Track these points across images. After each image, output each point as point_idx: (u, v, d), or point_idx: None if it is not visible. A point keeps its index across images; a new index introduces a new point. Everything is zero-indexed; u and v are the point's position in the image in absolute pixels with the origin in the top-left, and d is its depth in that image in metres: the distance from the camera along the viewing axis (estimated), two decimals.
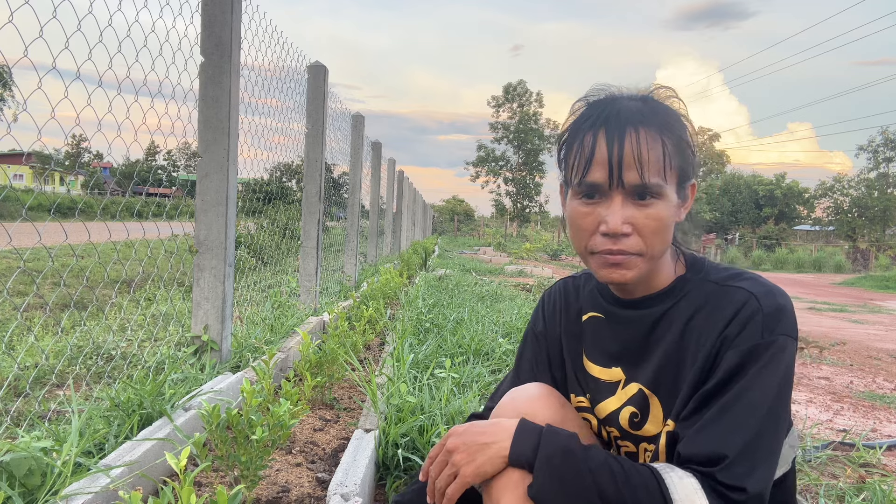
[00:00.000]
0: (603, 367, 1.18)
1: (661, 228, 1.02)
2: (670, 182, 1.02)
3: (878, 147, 42.94)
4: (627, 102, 1.04)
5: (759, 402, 0.96)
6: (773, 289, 1.04)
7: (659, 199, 1.01)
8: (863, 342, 7.12)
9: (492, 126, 52.53)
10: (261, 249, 6.17)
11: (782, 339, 0.99)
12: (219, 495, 1.29)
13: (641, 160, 0.99)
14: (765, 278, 1.07)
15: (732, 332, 1.00)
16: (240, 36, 2.78)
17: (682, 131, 1.05)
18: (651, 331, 1.11)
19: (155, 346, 2.87)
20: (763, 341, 0.98)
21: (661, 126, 1.02)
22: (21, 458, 1.45)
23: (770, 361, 0.97)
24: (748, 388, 0.97)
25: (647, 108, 1.03)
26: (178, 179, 6.53)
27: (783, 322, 1.00)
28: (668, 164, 1.01)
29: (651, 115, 1.02)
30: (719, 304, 1.03)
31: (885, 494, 2.10)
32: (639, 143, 0.99)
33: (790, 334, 1.00)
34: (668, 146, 1.01)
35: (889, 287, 17.96)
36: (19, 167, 17.60)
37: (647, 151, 0.99)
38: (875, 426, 3.36)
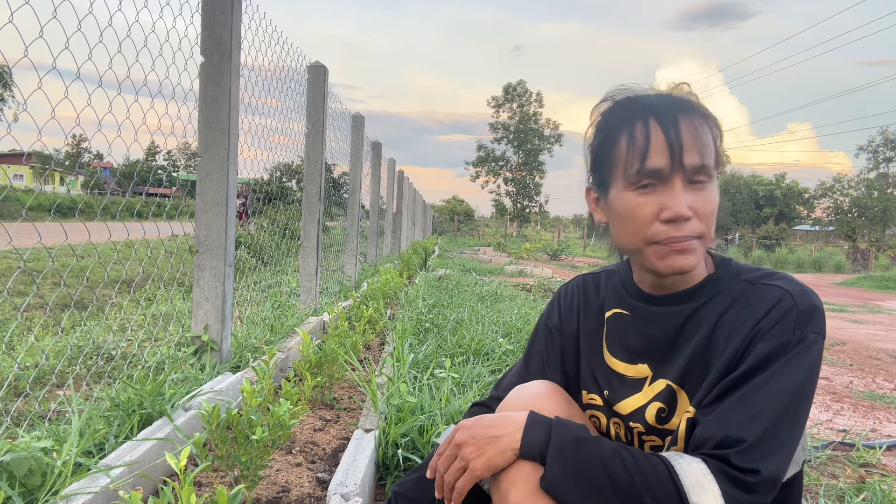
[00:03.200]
0: (628, 364, 1.18)
1: (713, 211, 1.04)
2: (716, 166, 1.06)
3: (878, 147, 42.94)
4: (660, 97, 1.06)
5: (781, 392, 0.97)
6: (807, 289, 1.05)
7: (711, 182, 1.04)
8: (863, 342, 7.12)
9: (492, 126, 52.53)
10: (261, 249, 6.17)
11: (812, 337, 1.00)
12: (219, 495, 1.29)
13: (700, 142, 1.01)
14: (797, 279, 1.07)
15: (765, 326, 1.01)
16: (240, 36, 2.78)
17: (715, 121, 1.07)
18: (681, 327, 1.10)
19: (155, 346, 2.87)
20: (794, 337, 0.99)
21: (703, 113, 1.05)
22: (21, 458, 1.45)
23: (798, 356, 0.98)
24: (772, 378, 0.98)
25: (683, 100, 1.06)
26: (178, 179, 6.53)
27: (815, 321, 1.01)
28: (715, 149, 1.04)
29: (690, 105, 1.05)
30: (753, 300, 1.04)
31: (885, 494, 2.10)
32: (694, 126, 1.02)
33: (820, 333, 1.01)
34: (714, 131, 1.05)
35: (889, 287, 17.95)
36: (19, 167, 17.61)
37: (701, 134, 1.02)
38: (875, 426, 3.36)
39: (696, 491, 0.92)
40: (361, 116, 7.56)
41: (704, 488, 0.92)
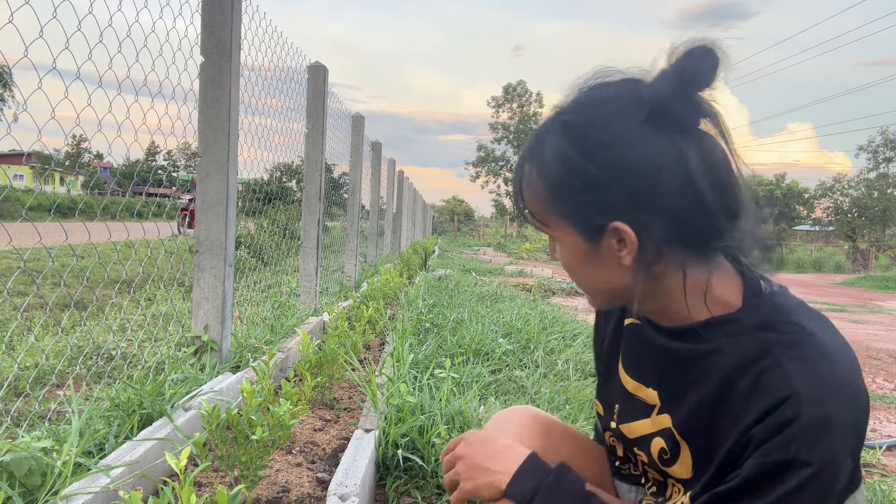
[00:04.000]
0: (640, 384, 1.02)
1: (568, 268, 0.91)
2: (556, 226, 0.88)
3: (878, 147, 42.96)
4: (543, 127, 0.89)
5: None
6: (827, 386, 0.77)
7: (555, 241, 0.90)
8: (863, 342, 7.12)
9: (492, 126, 52.56)
10: (261, 249, 6.17)
11: (819, 465, 0.74)
12: (219, 495, 1.29)
13: (518, 197, 0.92)
14: (827, 351, 0.79)
15: (759, 434, 0.78)
16: (240, 36, 2.78)
17: (569, 166, 0.83)
18: (684, 368, 0.92)
19: (155, 347, 2.87)
20: (791, 458, 0.75)
21: (539, 166, 0.87)
22: (21, 458, 1.45)
23: (797, 490, 0.75)
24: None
25: (542, 136, 0.88)
26: (178, 179, 6.54)
27: (826, 439, 0.75)
28: (542, 209, 0.88)
29: (537, 148, 0.88)
30: (761, 383, 0.79)
31: (885, 494, 2.10)
32: (515, 180, 0.92)
33: (834, 458, 0.75)
34: (534, 191, 0.88)
35: (889, 287, 17.96)
36: (19, 167, 17.62)
37: (519, 191, 0.92)
38: (875, 426, 3.36)
39: None
40: (361, 116, 7.56)
41: None
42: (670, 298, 0.88)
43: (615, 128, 0.81)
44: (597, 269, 0.87)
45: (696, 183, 0.80)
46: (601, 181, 0.81)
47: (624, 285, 0.87)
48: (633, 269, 0.84)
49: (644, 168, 0.79)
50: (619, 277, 0.86)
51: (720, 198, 0.82)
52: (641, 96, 0.81)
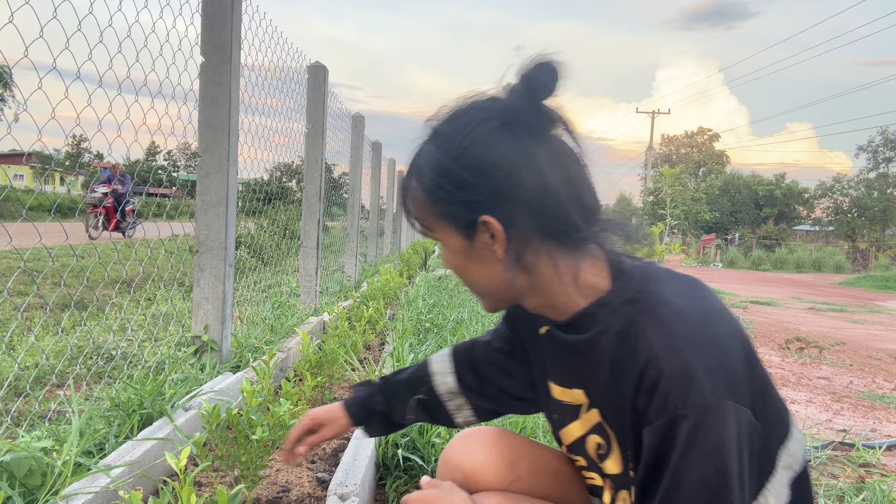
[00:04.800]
0: (564, 388, 1.05)
1: (457, 270, 0.99)
2: (439, 229, 0.96)
3: (877, 147, 42.91)
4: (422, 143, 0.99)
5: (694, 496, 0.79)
6: (680, 337, 0.83)
7: (443, 246, 0.98)
8: (862, 342, 7.12)
9: None
10: (261, 249, 6.17)
11: (696, 414, 0.78)
12: (219, 495, 1.29)
13: (409, 206, 1.00)
14: (678, 307, 0.87)
15: (642, 404, 0.84)
16: (240, 36, 2.78)
17: (439, 170, 0.94)
18: (584, 359, 0.97)
19: (155, 346, 2.87)
20: (670, 417, 0.80)
21: (417, 174, 0.97)
22: (21, 458, 1.45)
23: (689, 445, 0.78)
24: (677, 481, 0.80)
25: (420, 148, 0.98)
26: (178, 179, 6.54)
27: (693, 386, 0.79)
28: (423, 215, 0.97)
29: (416, 159, 0.99)
30: (626, 357, 0.87)
31: (884, 494, 2.10)
32: (406, 196, 1.00)
33: (709, 402, 0.78)
34: (415, 198, 0.97)
35: (889, 287, 17.96)
36: (20, 167, 17.61)
37: (404, 202, 1.00)
38: (875, 426, 3.37)
39: None
40: (361, 116, 7.56)
41: None
42: (549, 291, 0.96)
43: (475, 134, 0.91)
44: (477, 265, 0.96)
45: (548, 179, 0.89)
46: (467, 181, 0.91)
47: (502, 280, 0.95)
48: (506, 260, 0.93)
49: (501, 167, 0.89)
50: (498, 272, 0.94)
51: (573, 192, 0.91)
52: (496, 107, 0.92)
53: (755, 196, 43.90)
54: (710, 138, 53.81)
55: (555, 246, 0.92)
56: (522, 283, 0.95)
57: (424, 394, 1.29)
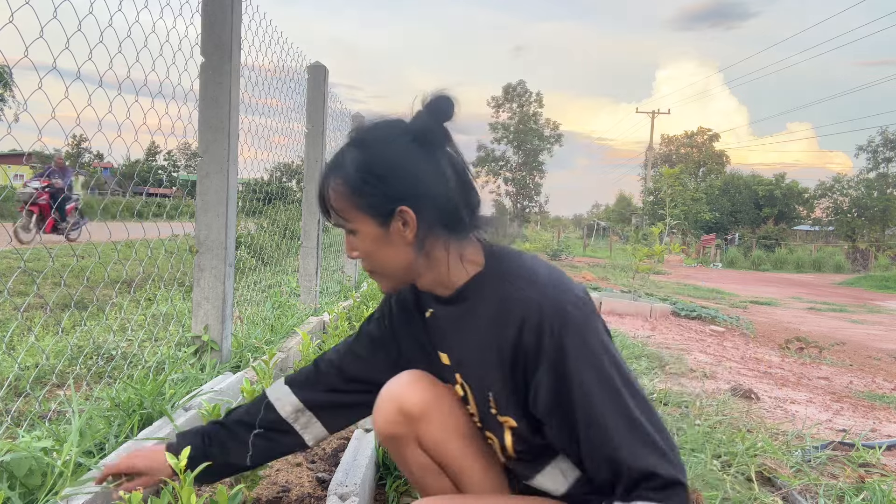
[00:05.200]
0: (445, 355, 1.30)
1: (370, 255, 1.19)
2: (358, 219, 1.17)
3: (877, 147, 42.88)
4: (342, 149, 1.21)
5: (603, 402, 1.04)
6: (548, 287, 1.12)
7: (355, 234, 1.19)
8: (862, 342, 7.12)
9: (492, 126, 52.52)
10: (261, 249, 6.17)
11: (573, 329, 1.07)
12: (219, 495, 1.29)
13: (324, 206, 1.21)
14: (541, 271, 1.16)
15: (530, 344, 1.09)
16: (240, 36, 2.78)
17: (369, 172, 1.15)
18: (459, 325, 1.23)
19: (155, 346, 2.87)
20: (560, 339, 1.07)
21: (340, 174, 1.18)
22: (21, 458, 1.45)
23: (581, 355, 1.06)
24: (587, 397, 1.05)
25: (341, 154, 1.20)
26: (178, 179, 6.54)
27: (569, 313, 1.08)
28: (343, 206, 1.17)
29: (337, 162, 1.19)
30: (507, 311, 1.13)
31: (884, 494, 2.10)
32: (319, 193, 1.21)
33: (580, 318, 1.08)
34: (337, 194, 1.17)
35: (888, 287, 17.95)
36: (19, 167, 17.59)
37: (324, 199, 1.20)
38: (875, 426, 3.37)
39: None
40: (362, 116, 7.56)
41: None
42: (440, 270, 1.20)
43: (395, 144, 1.16)
44: (389, 248, 1.17)
45: (448, 182, 1.16)
46: (389, 178, 1.15)
47: (408, 261, 1.18)
48: (414, 244, 1.16)
49: (415, 170, 1.15)
50: (405, 255, 1.17)
51: (464, 193, 1.18)
52: (408, 126, 1.17)
53: (755, 196, 43.88)
54: (710, 138, 53.80)
55: (447, 234, 1.17)
56: (421, 264, 1.18)
57: (266, 424, 1.41)
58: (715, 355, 5.22)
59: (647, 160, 46.77)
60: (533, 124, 51.53)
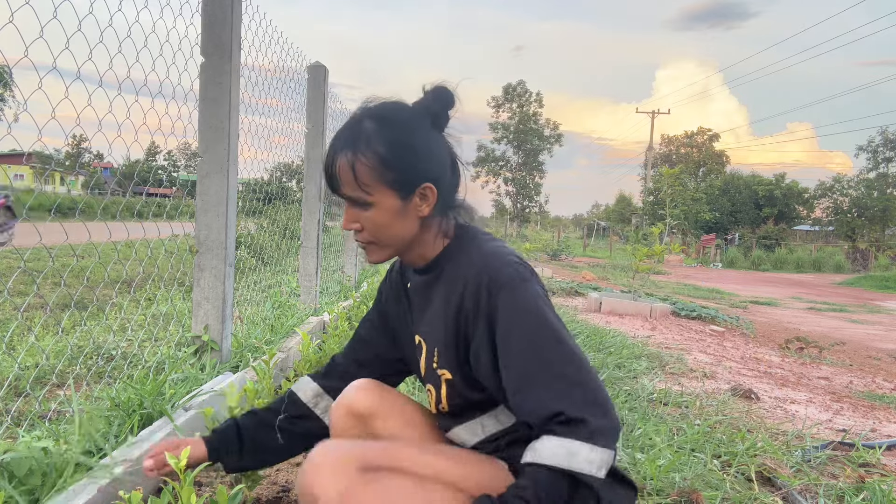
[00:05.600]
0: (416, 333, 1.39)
1: (379, 227, 1.25)
2: (379, 192, 1.22)
3: (877, 147, 42.88)
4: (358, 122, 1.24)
5: (537, 349, 1.13)
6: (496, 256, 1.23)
7: (370, 207, 1.23)
8: (862, 342, 7.12)
9: (492, 126, 52.49)
10: (261, 249, 6.17)
11: (506, 291, 1.17)
12: (219, 495, 1.29)
13: (341, 179, 1.23)
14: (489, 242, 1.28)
15: (470, 305, 1.21)
16: (240, 36, 2.78)
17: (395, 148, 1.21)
18: (426, 291, 1.34)
19: (155, 346, 2.87)
20: (496, 302, 1.17)
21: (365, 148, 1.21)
22: (21, 458, 1.45)
23: (513, 311, 1.16)
24: (515, 347, 1.15)
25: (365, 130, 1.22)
26: (178, 179, 6.53)
27: (504, 276, 1.18)
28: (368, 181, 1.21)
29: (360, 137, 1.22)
30: (457, 276, 1.25)
31: (884, 494, 2.10)
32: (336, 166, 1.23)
33: (519, 279, 1.18)
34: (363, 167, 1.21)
35: (888, 287, 17.95)
36: (20, 167, 17.58)
37: (342, 174, 1.22)
38: (875, 426, 3.37)
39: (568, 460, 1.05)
40: None
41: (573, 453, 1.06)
42: (427, 242, 1.31)
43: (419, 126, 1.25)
44: (401, 221, 1.25)
45: (455, 164, 1.30)
46: (419, 157, 1.23)
47: (412, 234, 1.28)
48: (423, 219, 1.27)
49: (437, 152, 1.26)
50: (413, 227, 1.27)
51: (455, 176, 1.31)
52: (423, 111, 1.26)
53: (755, 196, 43.87)
54: (710, 138, 53.78)
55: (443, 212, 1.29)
56: (418, 236, 1.29)
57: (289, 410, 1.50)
58: (715, 355, 5.22)
59: (647, 160, 46.76)
60: (533, 124, 51.49)
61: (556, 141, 52.16)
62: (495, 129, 52.40)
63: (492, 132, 52.49)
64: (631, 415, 2.85)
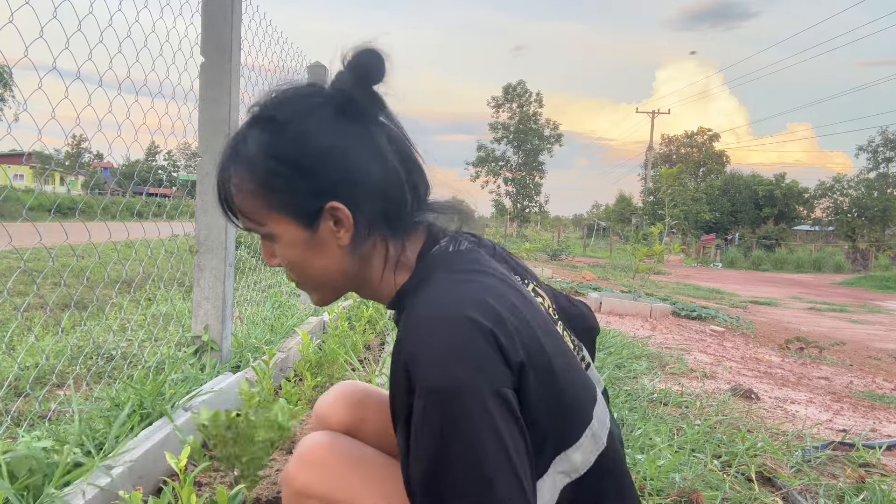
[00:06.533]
0: None
1: (295, 264, 0.94)
2: (274, 221, 0.91)
3: (877, 147, 42.89)
4: (242, 130, 0.94)
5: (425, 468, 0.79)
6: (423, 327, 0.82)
7: (275, 240, 0.93)
8: (862, 342, 7.12)
9: (492, 126, 52.49)
10: (261, 249, 6.17)
11: (424, 394, 0.79)
12: (219, 495, 1.29)
13: (225, 205, 0.94)
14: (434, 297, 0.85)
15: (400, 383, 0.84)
16: (240, 36, 2.78)
17: (277, 157, 0.89)
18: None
19: (155, 346, 2.87)
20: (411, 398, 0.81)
21: (243, 165, 0.91)
22: (21, 458, 1.45)
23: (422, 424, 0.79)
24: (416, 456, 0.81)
25: (243, 139, 0.92)
26: (178, 179, 6.54)
27: (424, 371, 0.79)
28: (254, 206, 0.91)
29: (240, 150, 0.91)
30: (398, 347, 0.86)
31: (884, 494, 2.10)
32: (224, 190, 0.93)
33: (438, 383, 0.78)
34: (242, 189, 0.91)
35: (889, 287, 17.96)
36: (20, 167, 17.59)
37: (227, 199, 0.94)
38: (875, 426, 3.36)
39: None
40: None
41: None
42: (371, 280, 0.96)
43: (313, 120, 0.89)
44: (320, 256, 0.92)
45: (389, 160, 0.91)
46: (309, 168, 0.88)
47: (343, 269, 0.94)
48: (350, 249, 0.92)
49: (345, 152, 0.89)
50: (338, 261, 0.93)
51: (408, 171, 0.93)
52: (327, 94, 0.92)
53: (755, 196, 43.87)
54: (710, 138, 53.77)
55: (389, 231, 0.93)
56: (358, 272, 0.95)
57: None
58: (715, 355, 5.22)
59: (647, 160, 46.76)
60: (533, 124, 51.48)
61: (556, 141, 52.17)
62: (495, 129, 52.42)
63: (492, 132, 52.51)
64: (631, 415, 2.85)
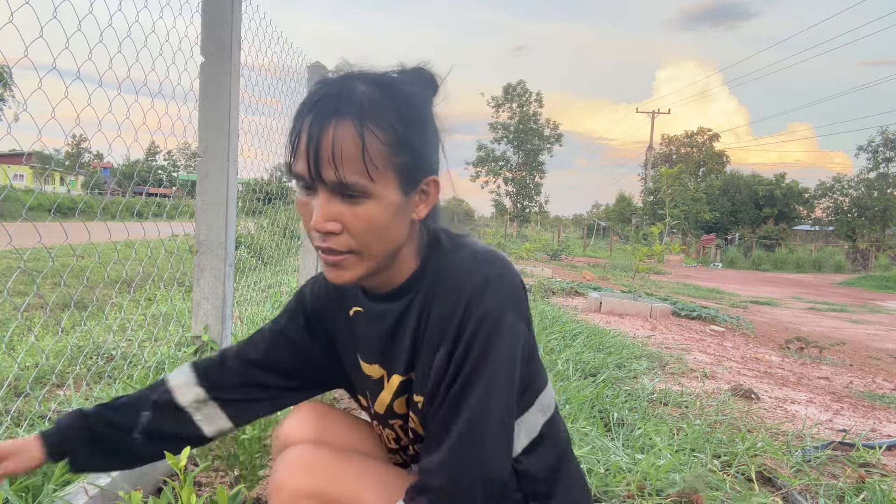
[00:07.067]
0: (369, 364, 1.13)
1: (374, 229, 0.93)
2: (383, 181, 0.91)
3: (877, 147, 42.89)
4: (355, 85, 0.93)
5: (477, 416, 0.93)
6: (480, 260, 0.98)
7: (367, 199, 0.91)
8: (862, 342, 7.12)
9: (491, 126, 52.49)
10: (261, 249, 6.17)
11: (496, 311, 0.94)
12: (219, 495, 1.29)
13: (336, 157, 0.89)
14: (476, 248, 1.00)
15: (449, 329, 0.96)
16: (240, 36, 2.78)
17: (409, 123, 0.93)
18: (399, 322, 1.05)
19: (155, 346, 2.87)
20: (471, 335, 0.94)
21: (376, 118, 0.91)
22: None
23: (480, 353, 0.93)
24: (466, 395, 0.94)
25: (369, 96, 0.92)
26: (178, 179, 6.54)
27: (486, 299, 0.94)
28: (378, 162, 0.90)
29: (368, 106, 0.91)
30: (443, 294, 0.98)
31: (884, 494, 2.10)
32: (335, 137, 0.89)
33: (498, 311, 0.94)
34: (376, 142, 0.90)
35: (889, 287, 17.96)
36: (20, 167, 17.60)
37: (345, 148, 0.89)
38: (875, 426, 3.37)
39: None
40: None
41: None
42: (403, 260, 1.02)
43: (424, 104, 0.99)
44: (398, 223, 0.96)
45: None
46: (428, 142, 0.97)
47: (402, 241, 0.99)
48: (419, 223, 1.01)
49: (438, 138, 1.00)
50: (403, 232, 0.98)
51: None
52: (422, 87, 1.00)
53: (755, 196, 43.87)
54: (710, 138, 53.77)
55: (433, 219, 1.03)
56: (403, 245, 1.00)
57: (159, 410, 1.17)
58: (715, 355, 5.22)
59: (647, 160, 46.77)
60: (533, 124, 51.48)
61: (556, 141, 52.17)
62: (495, 129, 52.41)
63: (492, 132, 52.51)
64: (631, 415, 2.85)
